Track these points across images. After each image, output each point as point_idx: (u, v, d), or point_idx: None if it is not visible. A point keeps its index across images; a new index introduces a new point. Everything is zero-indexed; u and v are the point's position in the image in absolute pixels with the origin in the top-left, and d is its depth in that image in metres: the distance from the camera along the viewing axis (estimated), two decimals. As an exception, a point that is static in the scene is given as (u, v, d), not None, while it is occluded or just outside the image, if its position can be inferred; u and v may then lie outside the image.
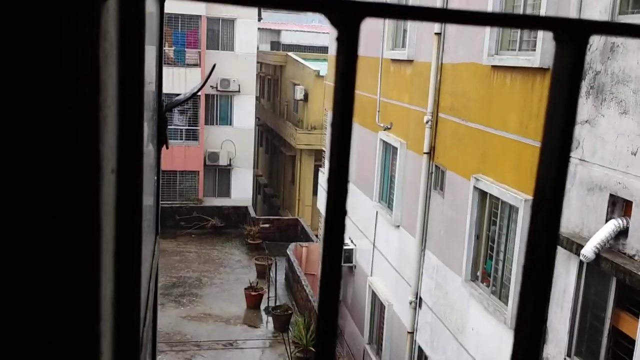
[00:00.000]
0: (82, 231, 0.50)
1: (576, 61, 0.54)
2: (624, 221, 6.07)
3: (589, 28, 0.55)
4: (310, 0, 0.51)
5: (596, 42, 6.55)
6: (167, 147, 1.82)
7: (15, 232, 0.50)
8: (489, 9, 8.62)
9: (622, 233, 6.09)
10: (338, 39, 0.51)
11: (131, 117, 0.70)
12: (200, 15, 25.54)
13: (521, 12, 8.20)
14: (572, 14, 6.88)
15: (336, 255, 0.51)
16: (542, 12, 7.43)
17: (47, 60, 0.47)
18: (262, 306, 17.73)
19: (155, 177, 1.76)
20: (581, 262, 6.57)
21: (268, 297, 17.62)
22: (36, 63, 0.47)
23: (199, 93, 24.92)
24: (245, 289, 17.96)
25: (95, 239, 0.51)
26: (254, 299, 17.67)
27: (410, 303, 11.35)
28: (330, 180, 0.50)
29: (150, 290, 1.47)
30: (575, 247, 6.55)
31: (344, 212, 0.52)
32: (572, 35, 0.54)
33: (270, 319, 16.92)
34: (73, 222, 0.51)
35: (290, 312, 16.81)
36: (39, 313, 0.52)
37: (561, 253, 6.97)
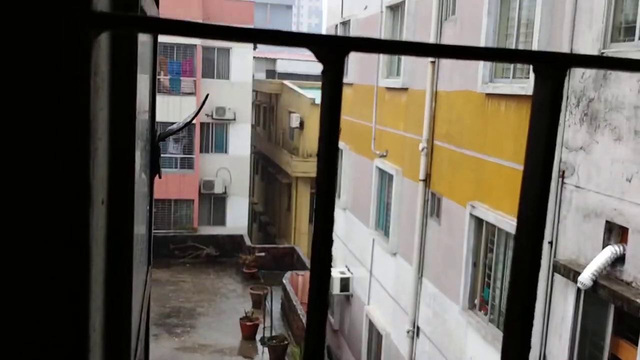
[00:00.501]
0: (71, 261, 0.51)
1: (554, 93, 0.56)
2: (621, 248, 6.07)
3: (567, 61, 0.56)
4: (295, 36, 0.52)
5: (588, 69, 6.63)
6: (159, 177, 1.83)
7: (2, 260, 0.50)
8: (482, 38, 8.75)
9: (619, 260, 6.09)
10: (323, 73, 0.53)
11: (123, 148, 0.71)
12: (196, 45, 25.79)
13: (514, 40, 8.32)
14: (565, 42, 6.98)
15: (324, 287, 0.52)
16: (535, 40, 7.53)
17: (38, 94, 0.48)
18: (258, 337, 17.54)
19: (148, 207, 1.76)
20: (579, 290, 6.55)
21: (264, 327, 17.44)
22: (27, 96, 0.48)
23: (194, 121, 25.02)
24: (240, 319, 17.78)
25: (83, 270, 0.51)
26: (249, 330, 17.49)
27: (408, 332, 11.26)
28: (317, 212, 0.51)
29: (141, 321, 1.46)
30: (572, 274, 6.53)
31: (330, 241, 0.52)
32: (550, 68, 0.55)
33: (266, 349, 16.73)
34: (62, 252, 0.52)
35: (286, 342, 16.63)
36: (24, 345, 0.52)
37: (558, 280, 6.95)
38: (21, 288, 0.50)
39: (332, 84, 0.52)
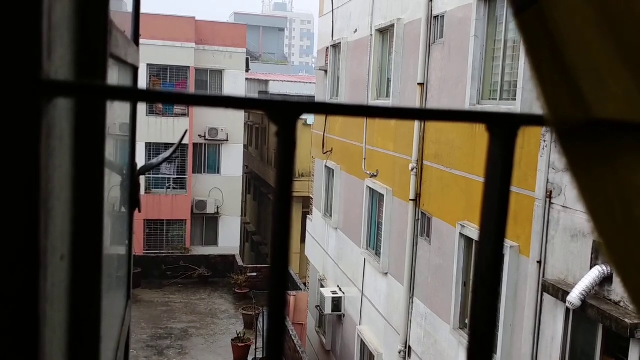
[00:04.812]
0: (18, 327, 0.50)
1: (507, 150, 0.57)
2: (608, 268, 6.09)
3: (518, 120, 0.57)
4: (252, 101, 0.54)
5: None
6: (139, 211, 1.84)
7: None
8: (470, 60, 8.83)
9: (607, 279, 6.10)
10: (277, 134, 0.54)
11: (90, 199, 0.71)
12: (189, 67, 25.88)
13: (501, 62, 8.39)
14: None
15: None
16: (521, 61, 7.60)
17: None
18: (250, 358, 17.41)
19: (127, 241, 1.76)
20: (568, 309, 6.55)
21: (255, 349, 17.31)
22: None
23: (187, 141, 25.03)
24: (232, 340, 17.65)
25: (33, 334, 0.50)
26: (241, 351, 17.36)
27: (400, 352, 11.20)
28: (272, 278, 0.51)
29: None
30: (561, 294, 6.54)
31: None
32: (503, 127, 0.57)
33: (258, 370, 16.60)
34: (11, 317, 0.51)
35: (278, 363, 16.49)
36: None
37: (547, 300, 6.95)
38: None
39: (285, 146, 0.53)
